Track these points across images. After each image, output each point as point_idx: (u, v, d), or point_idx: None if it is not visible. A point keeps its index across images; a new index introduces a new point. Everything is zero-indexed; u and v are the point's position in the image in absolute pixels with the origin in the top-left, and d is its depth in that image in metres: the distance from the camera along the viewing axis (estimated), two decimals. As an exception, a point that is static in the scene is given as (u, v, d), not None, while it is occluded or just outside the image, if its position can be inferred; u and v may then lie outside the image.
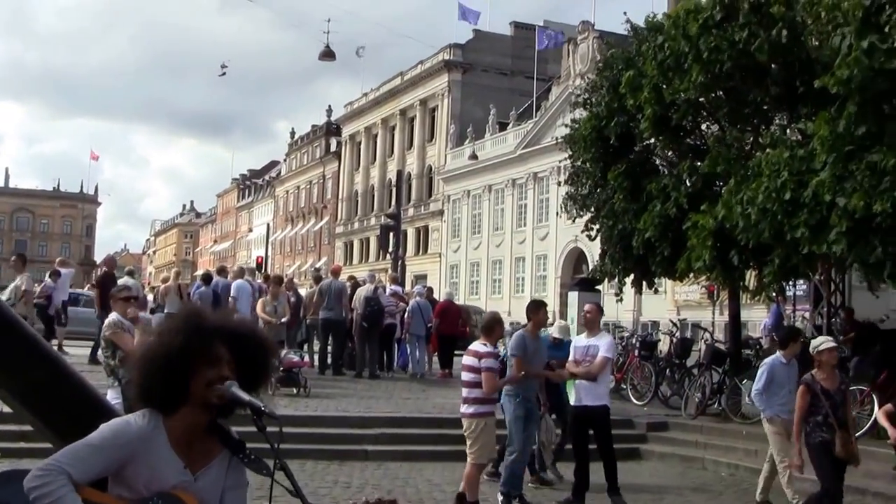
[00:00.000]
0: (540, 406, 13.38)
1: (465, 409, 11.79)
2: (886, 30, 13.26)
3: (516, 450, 12.11)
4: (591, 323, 13.26)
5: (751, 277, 19.47)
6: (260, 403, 3.47)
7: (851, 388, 16.32)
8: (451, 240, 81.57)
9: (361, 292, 23.36)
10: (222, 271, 25.11)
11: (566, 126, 25.96)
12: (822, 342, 11.12)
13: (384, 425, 16.73)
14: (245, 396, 3.46)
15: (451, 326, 25.50)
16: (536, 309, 12.74)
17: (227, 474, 3.59)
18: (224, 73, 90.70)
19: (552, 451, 14.50)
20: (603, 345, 12.78)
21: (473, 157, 73.07)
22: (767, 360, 13.02)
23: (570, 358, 13.01)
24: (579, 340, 13.33)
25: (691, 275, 20.08)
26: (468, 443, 11.70)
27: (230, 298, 21.66)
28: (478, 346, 11.82)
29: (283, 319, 21.44)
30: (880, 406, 14.12)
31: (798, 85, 17.71)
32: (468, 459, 11.74)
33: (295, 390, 18.87)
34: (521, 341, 12.26)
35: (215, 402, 3.48)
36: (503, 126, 75.20)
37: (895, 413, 14.09)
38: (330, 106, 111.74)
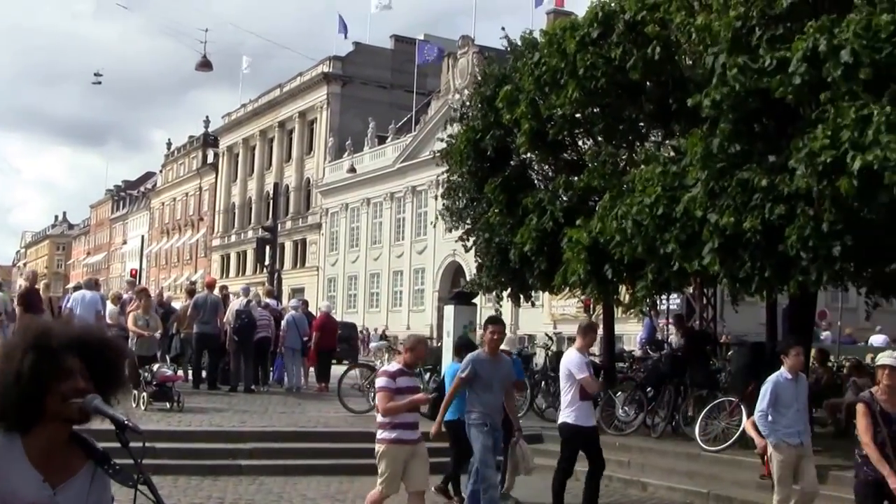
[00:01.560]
0: (513, 432, 12.61)
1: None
2: (758, 51, 13.58)
3: (489, 485, 11.38)
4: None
5: (625, 291, 19.73)
6: (123, 417, 3.36)
7: (720, 400, 16.70)
8: (329, 253, 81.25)
9: (233, 305, 23.14)
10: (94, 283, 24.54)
11: (443, 139, 26.07)
12: (884, 357, 9.34)
13: (259, 440, 16.52)
14: (108, 410, 3.35)
15: (329, 340, 25.40)
16: (487, 325, 11.82)
17: (91, 488, 3.47)
18: (99, 82, 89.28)
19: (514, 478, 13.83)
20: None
21: (352, 170, 72.92)
22: (771, 377, 11.45)
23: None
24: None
25: (567, 289, 20.26)
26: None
27: (67, 308, 21.04)
28: (388, 365, 11.25)
29: (157, 333, 21.04)
30: (748, 416, 14.42)
31: (672, 103, 18.03)
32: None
33: (168, 405, 18.51)
34: (469, 362, 11.49)
35: (75, 417, 3.37)
36: (382, 139, 75.24)
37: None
38: (207, 117, 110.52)
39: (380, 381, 10.37)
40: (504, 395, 11.95)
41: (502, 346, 13.39)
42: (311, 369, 25.61)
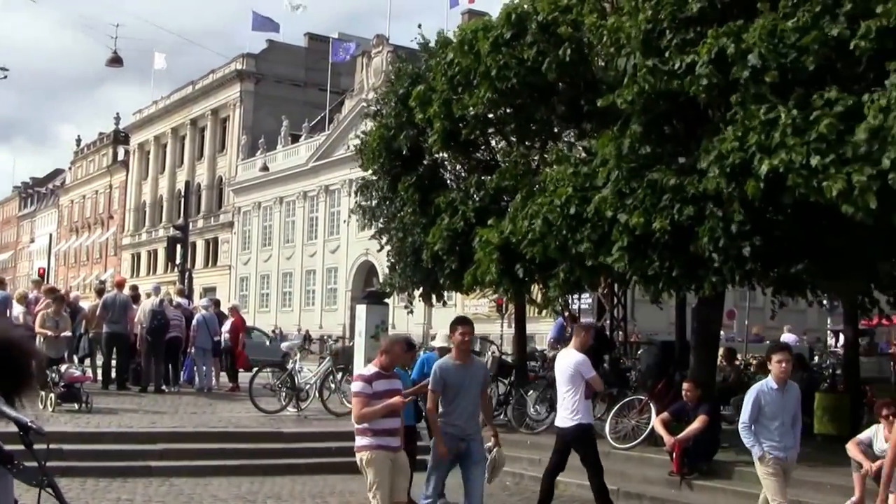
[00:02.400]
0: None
1: None
2: (667, 54, 13.75)
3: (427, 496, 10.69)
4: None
5: (537, 291, 19.87)
6: (26, 419, 3.31)
7: (630, 398, 16.90)
8: (242, 252, 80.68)
9: (146, 305, 22.85)
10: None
11: (356, 137, 26.07)
12: None
13: (169, 440, 16.34)
14: (10, 412, 3.31)
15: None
16: (456, 326, 10.84)
17: None
18: (4, 76, 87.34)
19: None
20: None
21: (265, 168, 72.45)
22: (755, 385, 10.83)
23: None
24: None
25: (479, 288, 20.34)
26: None
27: None
28: (364, 369, 10.47)
29: (65, 333, 20.70)
30: (657, 414, 14.63)
31: (584, 104, 18.19)
32: None
33: (76, 406, 18.22)
34: (437, 370, 10.66)
35: None
36: (295, 138, 74.91)
37: (671, 421, 14.66)
38: (118, 114, 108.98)
39: (355, 386, 9.85)
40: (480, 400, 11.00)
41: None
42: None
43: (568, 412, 12.27)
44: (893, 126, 10.90)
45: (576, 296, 24.16)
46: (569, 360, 12.38)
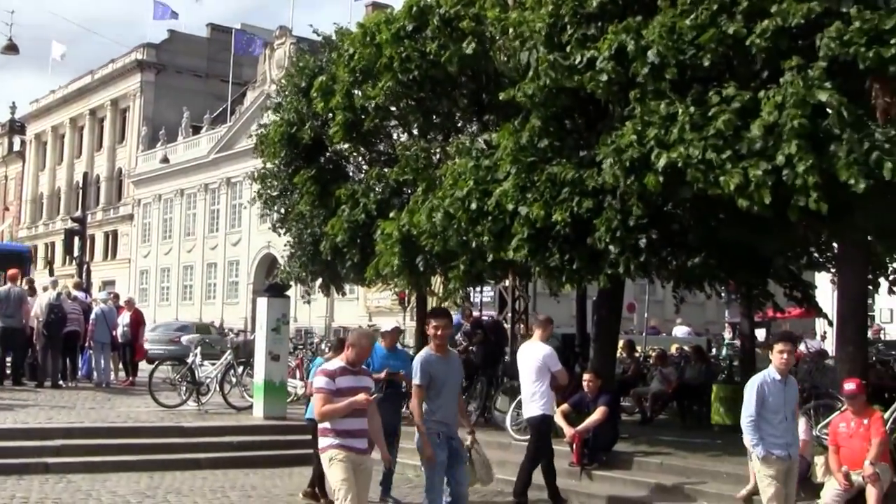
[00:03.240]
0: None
1: None
2: (568, 49, 13.85)
3: None
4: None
5: (438, 283, 19.92)
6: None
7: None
8: (142, 245, 79.58)
9: (43, 299, 22.40)
10: None
11: (258, 128, 25.91)
12: None
13: (66, 436, 16.00)
14: None
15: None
16: (430, 318, 10.45)
17: None
18: None
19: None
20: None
21: (165, 160, 71.43)
22: (756, 377, 9.99)
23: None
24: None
25: (380, 281, 20.33)
26: None
27: None
28: (329, 363, 9.60)
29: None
30: (558, 406, 14.74)
31: (486, 97, 18.29)
32: None
33: (-31, 402, 17.86)
34: (421, 363, 10.10)
35: None
36: (197, 129, 74.07)
37: (571, 412, 14.79)
38: (14, 103, 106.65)
39: (317, 381, 8.97)
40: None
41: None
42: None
43: (537, 402, 12.83)
44: (787, 123, 11.12)
45: (477, 289, 24.31)
46: (537, 353, 12.96)
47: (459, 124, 20.45)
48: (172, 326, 41.72)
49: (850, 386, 12.08)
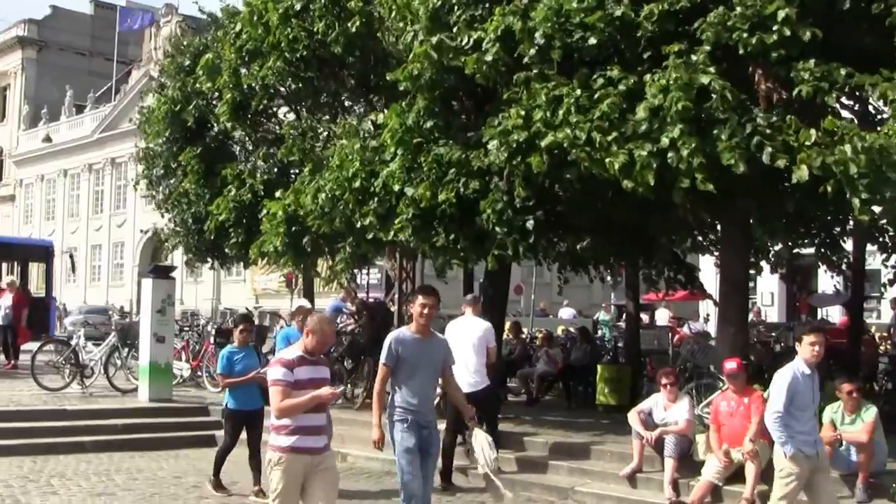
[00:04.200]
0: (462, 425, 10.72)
1: None
2: (455, 29, 13.81)
3: (409, 495, 9.12)
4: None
5: (324, 265, 19.83)
6: None
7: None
8: (24, 226, 77.67)
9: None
10: None
11: (142, 107, 25.51)
12: None
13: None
14: None
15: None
16: (417, 295, 9.63)
17: None
18: None
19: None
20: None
21: (48, 140, 69.89)
22: (785, 370, 9.15)
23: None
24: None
25: (267, 262, 20.17)
26: None
27: None
28: (284, 351, 8.42)
29: None
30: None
31: (373, 77, 18.20)
32: None
33: None
34: (391, 342, 9.27)
35: None
36: (81, 108, 72.60)
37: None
38: None
39: (273, 372, 7.92)
40: (442, 380, 9.81)
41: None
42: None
43: (478, 377, 12.89)
44: (672, 106, 11.22)
45: (364, 270, 24.26)
46: (476, 327, 13.20)
47: (347, 104, 20.37)
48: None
49: (730, 365, 12.30)
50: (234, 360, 12.41)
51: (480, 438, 9.55)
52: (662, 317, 30.97)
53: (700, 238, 18.69)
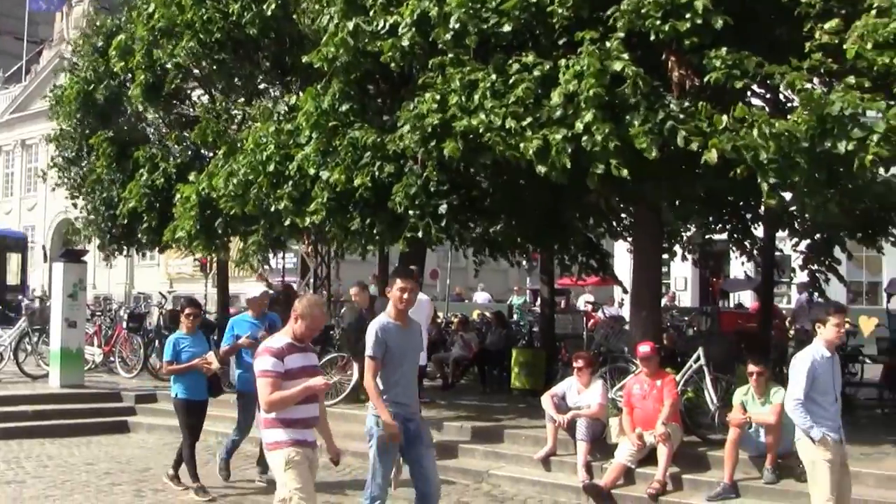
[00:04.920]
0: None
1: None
2: (371, 13, 13.76)
3: (372, 498, 8.51)
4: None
5: (237, 248, 19.71)
6: None
7: (333, 355, 16.96)
8: (-69, 209, 76.13)
9: None
10: None
11: (54, 87, 25.08)
12: None
13: None
14: None
15: None
16: (395, 279, 8.69)
17: None
18: None
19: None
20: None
21: (-46, 120, 68.43)
22: (805, 354, 8.67)
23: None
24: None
25: (179, 245, 19.96)
26: None
27: None
28: (271, 339, 7.63)
29: None
30: (360, 371, 14.73)
31: (289, 60, 18.09)
32: None
33: None
34: (376, 332, 8.47)
35: None
36: (-11, 89, 71.12)
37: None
38: None
39: (261, 363, 7.28)
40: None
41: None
42: None
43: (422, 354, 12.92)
44: (586, 92, 11.29)
45: (279, 254, 24.13)
46: (423, 302, 12.98)
47: (262, 87, 20.23)
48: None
49: (643, 349, 12.45)
50: (180, 346, 11.85)
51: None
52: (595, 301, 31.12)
53: (615, 223, 18.85)
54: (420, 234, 13.80)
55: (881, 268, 33.87)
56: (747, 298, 29.99)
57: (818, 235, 17.72)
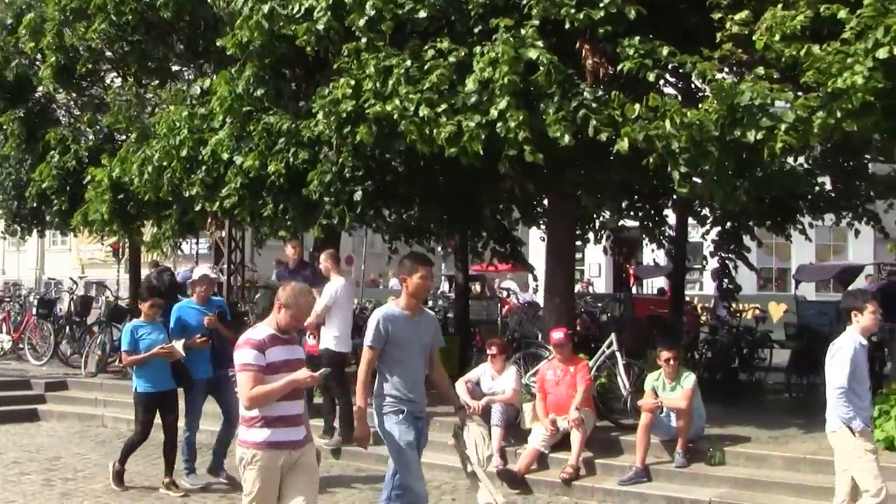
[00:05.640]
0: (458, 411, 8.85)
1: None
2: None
3: (416, 497, 8.05)
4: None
5: (149, 233, 19.50)
6: None
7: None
8: None
9: None
10: None
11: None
12: None
13: None
14: None
15: None
16: (417, 266, 8.18)
17: None
18: None
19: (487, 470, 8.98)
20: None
21: None
22: (844, 341, 8.39)
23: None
24: None
25: (94, 231, 19.65)
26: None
27: None
28: (253, 330, 7.00)
29: None
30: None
31: (203, 43, 17.90)
32: None
33: None
34: (379, 320, 8.08)
35: None
36: None
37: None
38: None
39: (241, 355, 6.75)
40: (429, 365, 8.48)
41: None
42: None
43: (327, 334, 13.01)
44: (500, 79, 11.32)
45: (194, 240, 23.92)
46: (337, 286, 13.05)
47: (175, 70, 19.97)
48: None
49: (557, 335, 12.55)
50: (138, 335, 11.23)
51: (475, 433, 8.62)
52: (511, 287, 31.15)
53: (529, 210, 18.93)
54: (335, 221, 13.76)
55: (790, 255, 34.56)
56: (662, 285, 30.34)
57: (728, 223, 18.00)
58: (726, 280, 18.77)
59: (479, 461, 8.49)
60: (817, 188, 16.80)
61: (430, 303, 27.44)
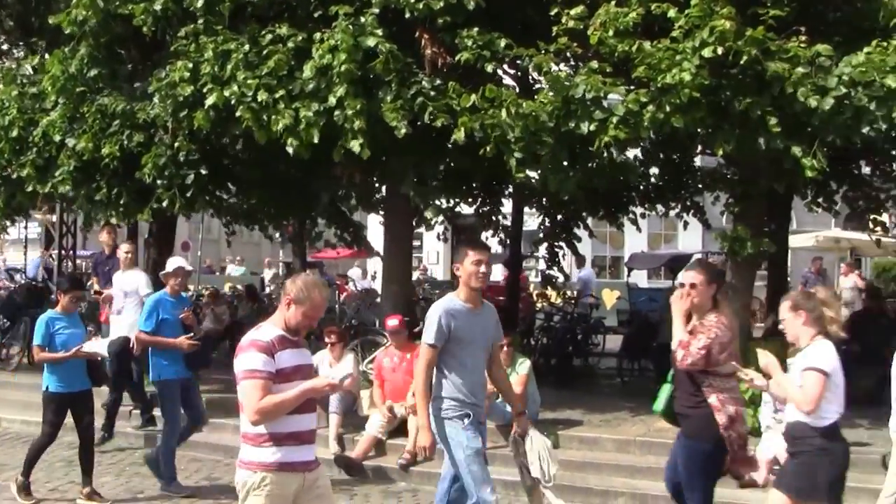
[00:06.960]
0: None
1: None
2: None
3: None
4: None
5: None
6: None
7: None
8: None
9: None
10: None
11: None
12: None
13: None
14: None
15: None
16: (468, 250, 7.45)
17: None
18: None
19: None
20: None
21: None
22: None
23: None
24: None
25: None
26: None
27: None
28: (258, 330, 5.82)
29: None
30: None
31: (35, 20, 17.42)
32: None
33: None
34: (440, 315, 7.26)
35: None
36: None
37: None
38: None
39: (247, 360, 5.61)
40: (490, 362, 7.66)
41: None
42: None
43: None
44: (339, 66, 11.33)
45: (24, 224, 23.29)
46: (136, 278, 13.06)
47: (5, 48, 19.41)
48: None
49: (392, 322, 12.63)
50: (54, 328, 10.10)
51: (538, 444, 7.85)
52: (356, 275, 31.06)
53: (367, 197, 18.95)
54: (165, 204, 13.52)
55: (623, 243, 35.42)
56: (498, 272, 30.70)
57: (563, 212, 18.34)
58: (556, 267, 19.13)
59: (546, 475, 7.75)
60: (648, 180, 17.23)
61: (269, 288, 27.36)
